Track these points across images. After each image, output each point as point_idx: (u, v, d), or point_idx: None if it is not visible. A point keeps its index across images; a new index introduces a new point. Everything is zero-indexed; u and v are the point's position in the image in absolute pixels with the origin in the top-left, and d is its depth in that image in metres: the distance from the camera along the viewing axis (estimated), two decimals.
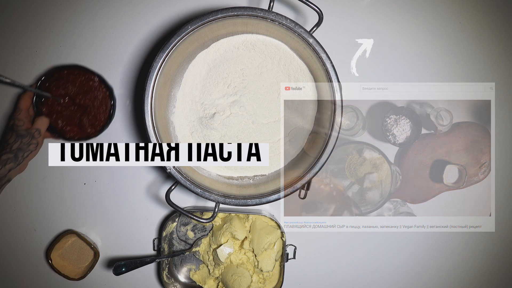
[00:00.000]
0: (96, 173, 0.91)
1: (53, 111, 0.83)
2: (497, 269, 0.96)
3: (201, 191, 0.74)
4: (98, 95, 0.84)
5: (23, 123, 0.79)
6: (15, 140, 0.78)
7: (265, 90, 0.81)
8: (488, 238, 0.95)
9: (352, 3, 0.90)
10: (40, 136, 0.80)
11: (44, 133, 0.81)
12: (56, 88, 0.82)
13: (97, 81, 0.84)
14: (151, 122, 0.73)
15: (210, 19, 0.71)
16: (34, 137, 0.79)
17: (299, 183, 0.74)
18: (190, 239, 0.92)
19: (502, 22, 0.92)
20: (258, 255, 0.87)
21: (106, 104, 0.84)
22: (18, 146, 0.77)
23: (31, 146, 0.79)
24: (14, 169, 0.77)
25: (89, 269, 0.88)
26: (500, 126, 0.92)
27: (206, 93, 0.81)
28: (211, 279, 0.91)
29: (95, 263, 0.89)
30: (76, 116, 0.84)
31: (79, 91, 0.83)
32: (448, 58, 0.91)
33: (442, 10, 0.91)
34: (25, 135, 0.78)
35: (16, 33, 0.88)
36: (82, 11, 0.88)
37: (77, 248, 0.89)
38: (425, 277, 0.95)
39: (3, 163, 0.76)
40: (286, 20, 0.71)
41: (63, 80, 0.83)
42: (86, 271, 0.88)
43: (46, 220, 0.91)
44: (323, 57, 0.72)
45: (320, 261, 0.94)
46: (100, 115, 0.84)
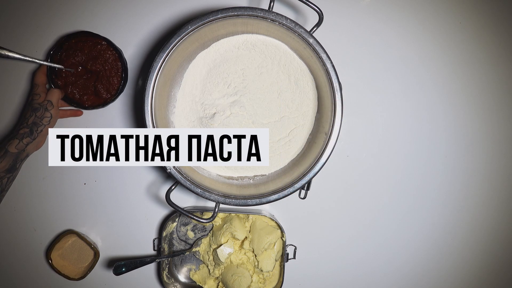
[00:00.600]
0: (96, 173, 0.91)
1: (68, 83, 0.84)
2: (497, 269, 0.96)
3: (201, 191, 0.74)
4: (108, 58, 0.84)
5: (39, 97, 0.80)
6: (30, 115, 0.79)
7: (265, 90, 0.81)
8: (488, 238, 0.95)
9: (352, 3, 0.90)
10: (53, 107, 0.80)
11: (57, 104, 0.81)
12: (67, 58, 0.83)
13: (104, 44, 0.84)
14: (151, 122, 0.73)
15: (210, 19, 0.71)
16: (47, 109, 0.80)
17: (299, 183, 0.74)
18: (190, 239, 0.92)
19: (502, 22, 0.92)
20: (258, 255, 0.87)
21: (117, 67, 0.85)
22: (33, 120, 0.79)
23: (44, 120, 0.79)
24: (31, 144, 0.78)
25: (89, 269, 0.88)
26: (500, 125, 0.92)
27: (206, 93, 0.81)
28: (211, 279, 0.91)
29: (95, 263, 0.89)
30: (90, 84, 0.85)
31: (88, 57, 0.84)
32: (448, 58, 0.91)
33: (442, 10, 0.91)
34: (39, 108, 0.79)
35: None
36: (82, 11, 0.88)
37: (77, 248, 0.89)
38: (425, 277, 0.95)
39: (21, 137, 0.77)
40: (286, 20, 0.71)
41: (72, 49, 0.83)
42: (86, 271, 0.88)
43: (46, 220, 0.91)
44: (323, 57, 0.72)
45: (320, 261, 0.94)
46: (113, 79, 0.85)
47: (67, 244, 0.89)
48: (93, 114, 0.90)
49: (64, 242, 0.89)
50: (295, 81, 0.81)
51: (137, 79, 0.90)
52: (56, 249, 0.88)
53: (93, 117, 0.90)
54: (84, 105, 0.85)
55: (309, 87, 0.80)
